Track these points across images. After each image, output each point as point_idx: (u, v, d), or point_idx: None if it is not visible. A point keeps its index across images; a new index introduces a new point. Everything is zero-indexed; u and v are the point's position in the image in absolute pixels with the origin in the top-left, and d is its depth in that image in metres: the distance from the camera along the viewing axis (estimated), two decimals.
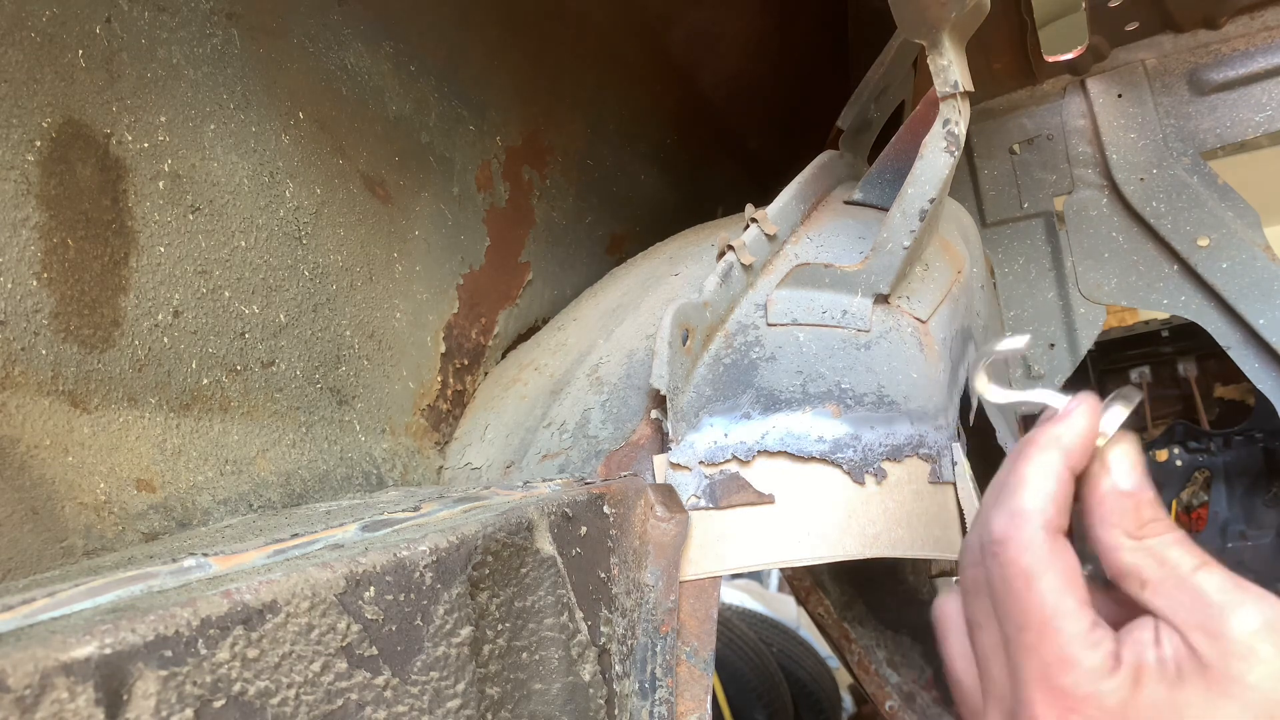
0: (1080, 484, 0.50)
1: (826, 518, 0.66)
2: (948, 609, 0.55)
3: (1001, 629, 0.48)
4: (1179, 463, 1.86)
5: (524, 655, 0.53)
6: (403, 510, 0.56)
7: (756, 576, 3.27)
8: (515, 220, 1.05)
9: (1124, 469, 0.49)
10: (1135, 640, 0.45)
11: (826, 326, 0.75)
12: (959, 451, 0.74)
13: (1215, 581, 0.44)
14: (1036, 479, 0.49)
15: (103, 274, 0.61)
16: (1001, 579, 0.48)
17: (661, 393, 0.68)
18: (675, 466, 0.68)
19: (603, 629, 0.59)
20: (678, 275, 0.92)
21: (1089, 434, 0.49)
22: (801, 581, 1.53)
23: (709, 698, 0.62)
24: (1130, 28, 1.37)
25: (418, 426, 0.89)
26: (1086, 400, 0.50)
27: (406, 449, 0.87)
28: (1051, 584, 0.46)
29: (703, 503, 0.67)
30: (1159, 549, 0.46)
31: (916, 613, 1.51)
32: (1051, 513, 0.48)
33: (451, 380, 0.94)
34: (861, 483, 0.66)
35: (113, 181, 0.62)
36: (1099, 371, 2.00)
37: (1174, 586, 0.45)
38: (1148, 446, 1.89)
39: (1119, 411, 0.50)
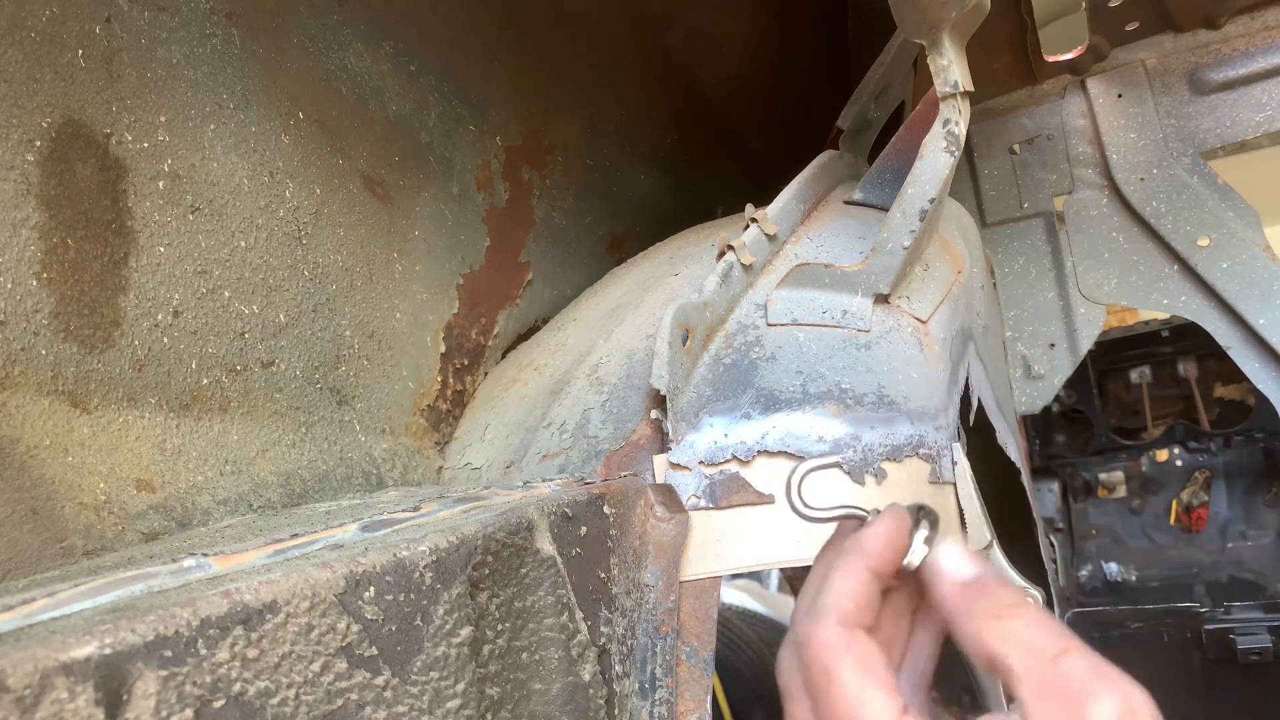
0: (921, 613, 0.53)
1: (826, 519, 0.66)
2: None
3: None
4: (1179, 463, 1.86)
5: (524, 655, 0.53)
6: (403, 510, 0.56)
7: (756, 576, 3.27)
8: (515, 220, 1.05)
9: (957, 562, 0.49)
10: None
11: (826, 326, 0.75)
12: (959, 451, 0.74)
13: (1078, 667, 0.43)
14: (838, 580, 0.50)
15: (103, 274, 0.61)
16: (809, 678, 0.48)
17: (661, 393, 0.68)
18: (675, 466, 0.68)
19: (603, 629, 0.59)
20: (678, 275, 0.92)
21: (892, 536, 0.51)
22: (801, 581, 1.53)
23: (709, 698, 0.62)
24: (1130, 28, 1.37)
25: (418, 426, 0.89)
26: (892, 510, 0.53)
27: (406, 449, 0.87)
28: (850, 673, 0.46)
29: (703, 503, 0.67)
30: (1021, 634, 0.45)
31: None
32: (849, 608, 0.49)
33: (451, 380, 0.94)
34: (861, 483, 0.66)
35: (113, 181, 0.62)
36: (1099, 371, 2.00)
37: (1038, 675, 0.44)
38: (1148, 446, 1.90)
39: (925, 533, 0.51)
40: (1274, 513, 1.75)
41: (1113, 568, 1.82)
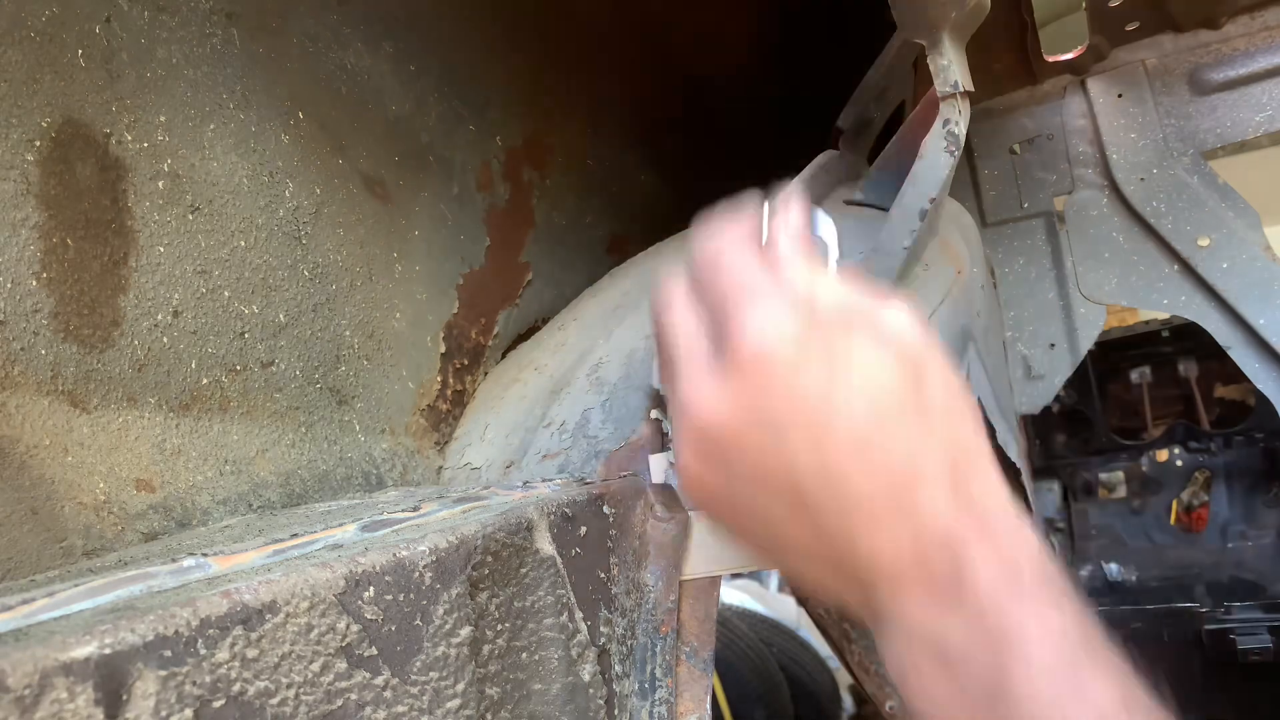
0: None
1: None
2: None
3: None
4: (1179, 463, 1.86)
5: (524, 655, 0.53)
6: (402, 510, 0.56)
7: (756, 576, 3.27)
8: (515, 220, 1.05)
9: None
10: None
11: None
12: None
13: None
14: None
15: (102, 274, 0.61)
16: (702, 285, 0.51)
17: (661, 392, 0.68)
18: (675, 466, 0.68)
19: (602, 629, 0.59)
20: None
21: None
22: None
23: (709, 698, 0.62)
24: (1130, 28, 1.37)
25: (417, 426, 0.89)
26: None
27: (406, 449, 0.87)
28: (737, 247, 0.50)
29: None
30: None
31: None
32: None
33: (451, 380, 0.94)
34: None
35: (113, 181, 0.62)
36: (1099, 371, 2.00)
37: None
38: (1148, 446, 1.89)
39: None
40: (1274, 513, 1.75)
41: (1113, 568, 1.82)
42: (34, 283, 0.57)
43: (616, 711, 0.58)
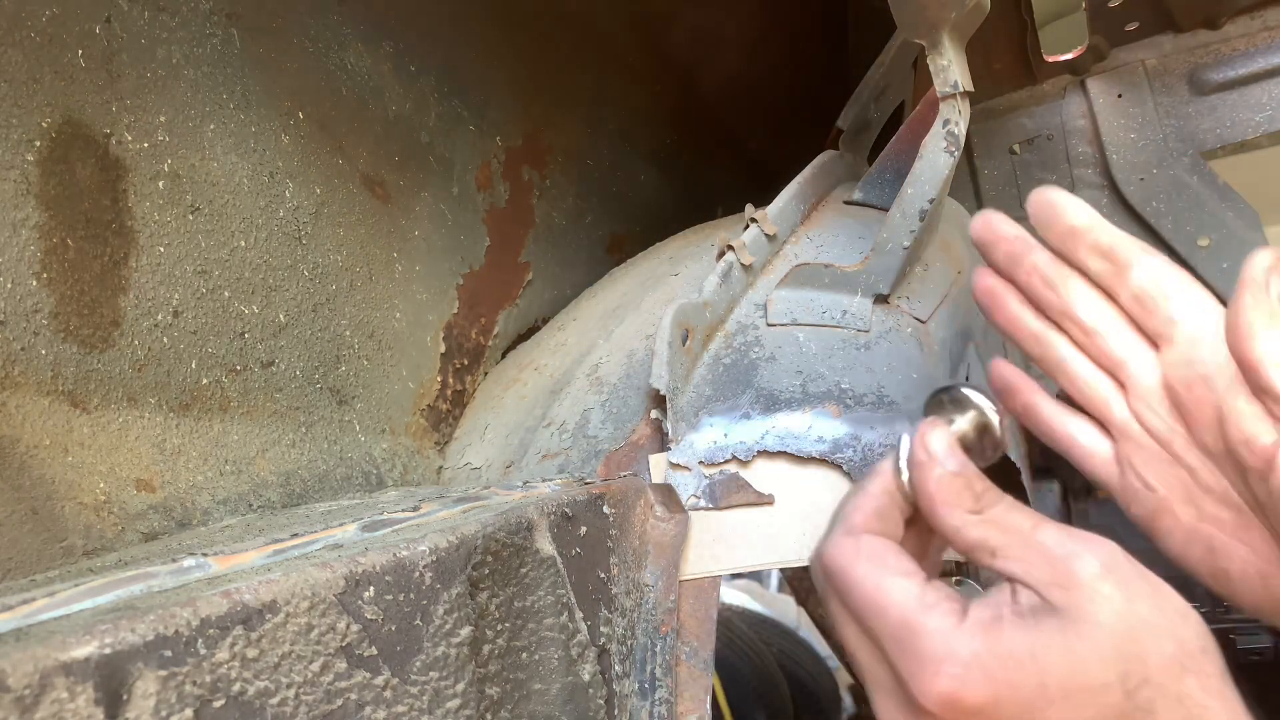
0: (914, 492, 0.53)
1: (826, 518, 0.66)
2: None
3: (857, 626, 0.50)
4: None
5: (524, 655, 0.53)
6: (402, 510, 0.57)
7: (756, 576, 3.27)
8: (515, 220, 1.05)
9: (944, 452, 0.51)
10: (991, 600, 0.47)
11: (826, 326, 0.75)
12: None
13: (1053, 536, 0.47)
14: (846, 500, 0.54)
15: (102, 274, 0.61)
16: (834, 592, 0.50)
17: (661, 393, 0.68)
18: (675, 466, 0.68)
19: (602, 629, 0.59)
20: (678, 275, 0.92)
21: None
22: (801, 581, 1.53)
23: (709, 698, 0.62)
24: (1130, 28, 1.37)
25: (417, 426, 0.89)
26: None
27: (406, 449, 0.87)
28: (865, 570, 0.48)
29: (702, 503, 0.67)
30: (998, 517, 0.49)
31: None
32: (856, 519, 0.51)
33: (451, 380, 0.94)
34: None
35: (113, 181, 0.62)
36: None
37: (1020, 548, 0.47)
38: None
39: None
40: None
41: None
42: (34, 283, 0.57)
43: (616, 711, 0.58)
